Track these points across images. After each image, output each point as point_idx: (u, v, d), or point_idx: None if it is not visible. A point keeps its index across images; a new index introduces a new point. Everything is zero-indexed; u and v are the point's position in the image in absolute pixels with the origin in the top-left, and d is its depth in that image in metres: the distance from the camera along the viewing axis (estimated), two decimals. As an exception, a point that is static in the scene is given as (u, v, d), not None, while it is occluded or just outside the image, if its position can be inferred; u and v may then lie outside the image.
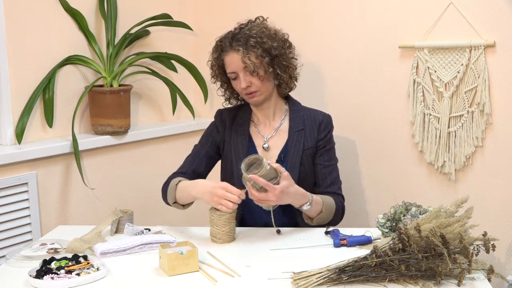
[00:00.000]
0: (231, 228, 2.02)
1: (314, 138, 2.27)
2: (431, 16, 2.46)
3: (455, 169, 2.49)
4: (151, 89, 2.97)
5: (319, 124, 2.29)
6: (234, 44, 2.19)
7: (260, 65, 2.19)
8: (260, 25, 2.26)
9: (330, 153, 2.31)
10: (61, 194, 2.59)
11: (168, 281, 1.72)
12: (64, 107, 2.62)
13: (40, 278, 1.71)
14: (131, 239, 1.96)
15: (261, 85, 2.22)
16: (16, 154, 2.38)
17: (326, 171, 2.28)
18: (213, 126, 2.39)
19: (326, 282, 1.63)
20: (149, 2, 2.93)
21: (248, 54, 2.17)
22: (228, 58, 2.22)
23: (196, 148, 2.38)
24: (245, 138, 2.29)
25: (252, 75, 2.19)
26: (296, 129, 2.27)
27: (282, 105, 2.34)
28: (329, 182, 2.27)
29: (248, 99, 2.27)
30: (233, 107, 2.39)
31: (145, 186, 2.92)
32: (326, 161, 2.28)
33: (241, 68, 2.19)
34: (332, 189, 2.27)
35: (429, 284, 1.63)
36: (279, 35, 2.27)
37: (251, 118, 2.34)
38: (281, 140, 2.28)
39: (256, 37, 2.19)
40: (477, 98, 2.40)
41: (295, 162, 2.22)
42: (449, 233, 1.69)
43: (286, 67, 2.26)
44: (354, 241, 1.95)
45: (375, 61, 2.62)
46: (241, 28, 2.24)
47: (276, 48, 2.21)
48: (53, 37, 2.57)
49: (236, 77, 2.23)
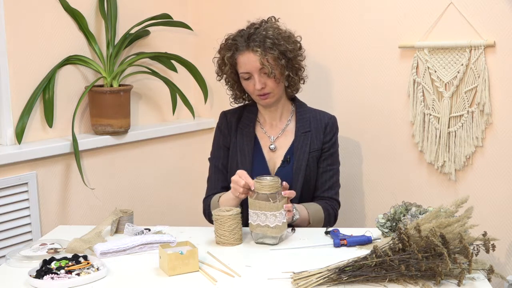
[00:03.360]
0: (238, 230, 2.01)
1: (320, 141, 2.28)
2: (431, 16, 2.46)
3: (455, 169, 2.49)
4: (151, 89, 2.97)
5: (325, 127, 2.29)
6: (251, 44, 2.17)
7: (276, 67, 2.19)
8: (273, 26, 2.24)
9: (333, 157, 2.31)
10: (61, 194, 2.59)
11: (168, 281, 1.72)
12: (64, 107, 2.62)
13: (40, 278, 1.71)
14: (131, 239, 1.96)
15: (276, 87, 2.21)
16: (16, 154, 2.38)
17: (327, 176, 2.28)
18: (218, 132, 2.37)
19: (326, 282, 1.63)
20: (149, 2, 2.93)
21: (266, 55, 2.16)
22: (244, 58, 2.20)
23: (213, 164, 2.36)
24: (250, 139, 2.29)
25: (268, 76, 2.18)
26: (303, 130, 2.27)
27: (289, 106, 2.34)
28: (327, 187, 2.29)
29: (259, 100, 2.26)
30: (237, 108, 2.39)
31: (145, 186, 2.92)
32: (329, 165, 2.29)
33: (257, 69, 2.18)
34: (329, 194, 2.29)
35: (429, 284, 1.63)
36: (292, 37, 2.27)
37: (258, 118, 2.34)
38: (287, 141, 2.28)
39: (273, 39, 2.18)
40: (477, 98, 2.40)
41: (301, 164, 2.22)
42: (449, 233, 1.69)
43: (297, 70, 2.26)
44: (354, 241, 1.95)
45: (375, 61, 2.63)
46: (256, 28, 2.21)
47: (291, 51, 2.21)
48: (53, 37, 2.56)
49: (249, 77, 2.22)
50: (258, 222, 1.94)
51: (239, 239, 2.00)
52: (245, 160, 2.26)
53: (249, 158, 2.26)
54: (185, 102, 2.88)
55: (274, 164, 2.26)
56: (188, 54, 3.01)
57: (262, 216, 1.93)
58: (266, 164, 2.26)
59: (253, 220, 1.96)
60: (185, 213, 2.99)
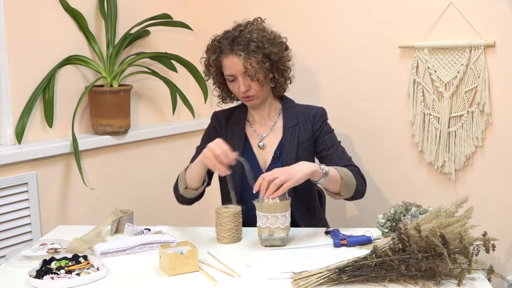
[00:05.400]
0: (238, 227, 2.02)
1: (308, 131, 2.27)
2: (431, 16, 2.46)
3: (455, 169, 2.49)
4: (151, 89, 2.97)
5: (313, 118, 2.29)
6: (235, 47, 2.18)
7: (260, 70, 2.19)
8: (259, 28, 2.24)
9: (330, 136, 2.29)
10: (61, 194, 2.59)
11: (168, 281, 1.72)
12: (64, 107, 2.62)
13: (40, 278, 1.71)
14: (131, 239, 1.96)
15: (260, 89, 2.22)
16: (16, 154, 2.38)
17: (331, 151, 2.25)
18: (211, 127, 2.39)
19: (326, 282, 1.63)
20: (149, 2, 2.93)
21: (249, 59, 2.16)
22: (228, 61, 2.21)
23: (197, 153, 2.38)
24: (240, 137, 2.30)
25: (252, 79, 2.19)
26: (291, 124, 2.28)
27: (277, 105, 2.35)
28: (336, 160, 2.23)
29: (245, 102, 2.28)
30: (228, 108, 2.40)
31: (145, 186, 2.92)
32: (329, 143, 2.26)
33: (241, 72, 2.19)
34: (342, 163, 2.22)
35: (429, 284, 1.63)
36: (277, 38, 2.26)
37: (247, 118, 2.35)
38: (276, 138, 2.29)
39: (257, 42, 2.18)
40: (477, 98, 2.40)
41: (291, 157, 2.22)
42: (449, 233, 1.69)
43: (283, 71, 2.26)
44: (354, 241, 1.95)
45: (375, 61, 2.63)
46: (241, 31, 2.22)
47: (276, 54, 2.21)
48: (53, 37, 2.57)
49: (234, 79, 2.23)
50: (267, 225, 1.94)
51: (239, 237, 2.02)
52: None
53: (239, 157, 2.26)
54: (185, 102, 2.88)
55: (265, 161, 2.27)
56: (188, 54, 3.01)
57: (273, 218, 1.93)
58: (257, 161, 2.26)
59: (262, 223, 1.95)
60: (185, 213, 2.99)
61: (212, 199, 3.01)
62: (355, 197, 2.20)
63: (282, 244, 1.96)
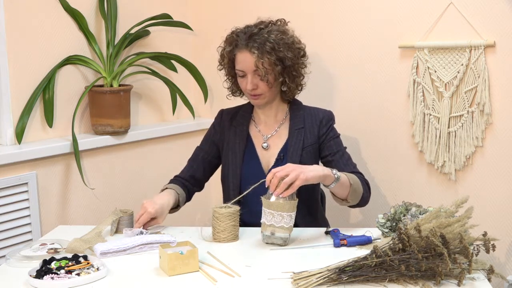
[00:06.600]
0: (235, 226, 2.02)
1: (314, 135, 2.26)
2: (431, 16, 2.46)
3: (455, 169, 2.49)
4: (151, 89, 2.97)
5: (319, 122, 2.28)
6: (250, 44, 2.16)
7: (271, 72, 2.18)
8: (280, 30, 2.22)
9: (336, 141, 2.28)
10: (61, 194, 2.59)
11: (168, 281, 1.72)
12: (64, 107, 2.62)
13: (40, 278, 1.70)
14: (131, 239, 1.96)
15: (267, 90, 2.21)
16: (16, 154, 2.38)
17: (337, 157, 2.25)
18: (212, 127, 2.39)
19: (326, 282, 1.63)
20: (149, 2, 2.93)
21: (262, 59, 2.15)
22: (241, 56, 2.20)
23: (195, 152, 2.38)
24: (242, 138, 2.29)
25: (261, 79, 2.18)
26: (296, 127, 2.27)
27: (284, 106, 2.34)
28: (342, 166, 2.22)
29: (250, 99, 2.27)
30: (235, 106, 2.39)
31: (145, 186, 2.92)
32: (334, 149, 2.26)
33: (251, 70, 2.18)
34: (348, 170, 2.21)
35: (429, 284, 1.63)
36: (295, 44, 2.24)
37: (252, 117, 2.34)
38: (281, 140, 2.28)
39: (274, 43, 2.16)
40: (477, 98, 2.40)
41: (295, 161, 2.21)
42: (449, 233, 1.69)
43: (295, 77, 2.24)
44: (354, 241, 1.95)
45: (375, 61, 2.63)
46: (261, 29, 2.20)
47: (290, 59, 2.19)
48: (53, 37, 2.56)
49: (244, 75, 2.22)
50: (272, 223, 1.94)
51: (236, 237, 2.02)
52: (236, 159, 2.26)
53: (240, 157, 2.26)
54: (185, 102, 2.88)
55: (268, 163, 2.26)
56: (188, 54, 3.01)
57: (278, 217, 1.93)
58: (260, 162, 2.25)
59: (267, 219, 1.95)
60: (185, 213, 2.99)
61: (212, 199, 3.01)
62: (360, 205, 2.20)
63: (283, 244, 1.96)
